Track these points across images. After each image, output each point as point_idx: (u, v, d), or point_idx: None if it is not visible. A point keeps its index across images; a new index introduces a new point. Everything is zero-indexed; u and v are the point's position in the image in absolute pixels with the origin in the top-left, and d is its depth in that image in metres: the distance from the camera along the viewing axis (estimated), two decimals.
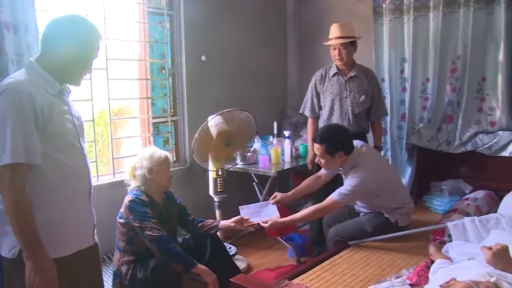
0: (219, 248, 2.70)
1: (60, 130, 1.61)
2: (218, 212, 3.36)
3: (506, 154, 3.40)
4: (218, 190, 3.29)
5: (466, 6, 3.49)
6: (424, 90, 3.82)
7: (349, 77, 3.30)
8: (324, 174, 3.00)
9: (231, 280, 2.14)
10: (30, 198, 1.52)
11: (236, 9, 4.19)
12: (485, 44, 3.52)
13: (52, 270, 1.54)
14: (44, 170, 1.56)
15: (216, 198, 3.35)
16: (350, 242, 2.75)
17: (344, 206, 2.90)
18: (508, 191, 3.02)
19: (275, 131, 3.99)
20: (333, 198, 2.66)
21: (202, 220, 2.76)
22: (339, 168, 2.82)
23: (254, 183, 3.79)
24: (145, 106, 3.67)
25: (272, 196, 2.96)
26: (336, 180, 3.03)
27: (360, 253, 2.64)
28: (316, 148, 2.74)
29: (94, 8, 3.12)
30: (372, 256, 2.59)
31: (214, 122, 3.03)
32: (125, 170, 2.68)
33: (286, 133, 3.89)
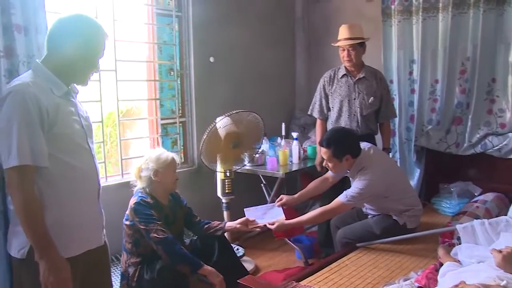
0: (227, 249, 2.70)
1: (67, 131, 1.61)
2: (226, 213, 3.36)
3: None
4: (226, 191, 3.29)
5: (476, 7, 3.47)
6: (433, 92, 3.80)
7: (357, 78, 3.29)
8: (331, 176, 2.99)
9: (239, 281, 2.14)
10: (39, 199, 1.53)
11: (244, 10, 4.19)
12: (495, 45, 3.49)
13: (65, 269, 1.55)
14: (51, 171, 1.57)
15: (224, 199, 3.35)
16: (358, 244, 2.74)
17: (351, 208, 2.89)
18: None
19: (283, 133, 3.98)
20: (340, 200, 2.66)
21: (208, 222, 2.76)
22: (347, 171, 2.81)
23: (262, 185, 3.79)
24: (153, 107, 3.69)
25: (278, 198, 2.96)
26: (344, 182, 3.02)
27: (368, 255, 2.63)
28: (323, 152, 2.74)
29: (103, 10, 3.14)
30: (380, 258, 2.58)
31: (223, 123, 3.03)
32: (130, 172, 2.68)
33: (294, 134, 3.90)
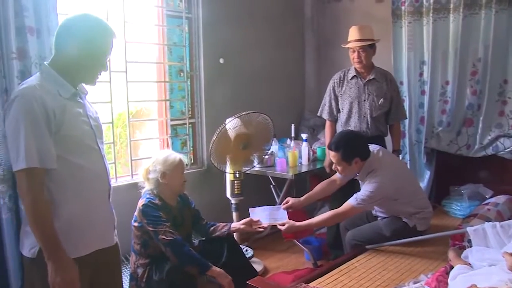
0: (236, 250, 2.70)
1: (74, 132, 1.62)
2: (235, 214, 3.37)
3: None
4: (235, 192, 3.30)
5: (488, 8, 3.44)
6: (443, 93, 3.78)
7: (367, 80, 3.28)
8: (338, 178, 2.97)
9: (248, 282, 2.14)
10: (48, 200, 1.55)
11: (254, 12, 4.20)
12: (507, 46, 3.46)
13: (72, 270, 1.56)
14: (60, 172, 1.58)
15: (233, 201, 3.35)
16: (368, 246, 2.73)
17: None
18: None
19: (293, 134, 3.98)
20: (350, 203, 2.65)
21: (214, 223, 2.76)
22: (356, 174, 2.80)
23: (271, 186, 3.79)
24: (163, 108, 3.71)
25: (284, 201, 2.95)
26: (353, 184, 3.01)
27: (377, 257, 2.61)
28: (332, 155, 2.73)
29: (114, 11, 3.16)
30: (389, 260, 2.57)
31: (232, 124, 3.04)
32: (139, 172, 2.69)
33: (304, 136, 3.89)
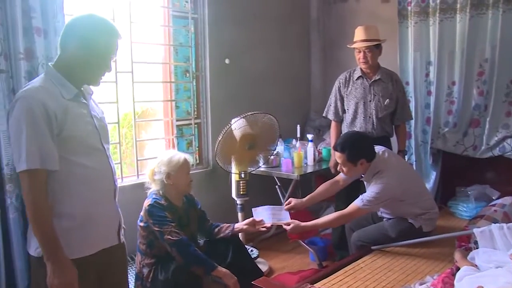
0: (241, 251, 2.70)
1: (77, 133, 1.62)
2: (240, 214, 3.37)
3: None
4: (241, 192, 3.30)
5: (495, 8, 3.42)
6: (450, 94, 3.76)
7: (373, 80, 3.27)
8: (342, 179, 2.96)
9: (253, 283, 2.14)
10: (49, 202, 1.56)
11: (260, 12, 4.20)
12: None
13: (70, 272, 1.56)
14: (64, 173, 1.58)
15: (238, 201, 3.35)
16: (373, 247, 2.73)
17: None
18: None
19: (298, 134, 3.98)
20: (356, 204, 2.64)
21: (218, 224, 2.77)
22: (361, 175, 2.80)
23: (277, 186, 3.79)
24: (169, 109, 3.72)
25: (286, 202, 2.95)
26: (358, 184, 3.00)
27: (383, 258, 2.61)
28: (337, 156, 2.72)
29: (120, 12, 3.18)
30: (395, 261, 2.56)
31: (238, 125, 3.04)
32: (145, 173, 2.70)
33: (309, 136, 3.89)
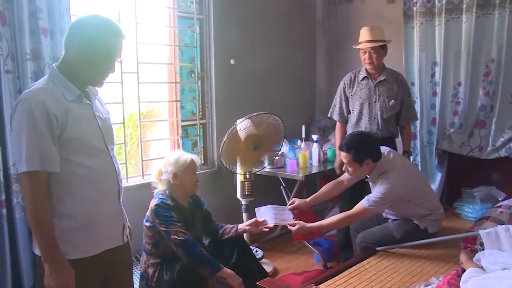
0: (246, 251, 2.70)
1: (79, 134, 1.61)
2: (245, 215, 3.37)
3: None
4: (246, 193, 3.30)
5: (502, 8, 3.41)
6: (455, 94, 3.75)
7: (378, 81, 3.26)
8: (346, 179, 2.95)
9: (258, 283, 2.14)
10: (52, 203, 1.57)
11: (265, 13, 4.20)
12: None
13: (67, 274, 1.56)
14: (66, 174, 1.58)
15: (243, 201, 3.35)
16: (378, 248, 2.72)
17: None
18: None
19: (303, 135, 3.98)
20: (362, 205, 2.63)
21: (223, 225, 2.77)
22: (366, 175, 2.79)
23: (282, 187, 3.79)
24: (174, 109, 3.73)
25: (290, 201, 2.94)
26: (362, 185, 2.99)
27: (388, 259, 2.60)
28: (343, 156, 2.71)
29: (126, 13, 3.19)
30: (400, 263, 2.55)
31: (243, 125, 3.04)
32: (152, 173, 2.71)
33: (314, 137, 3.88)
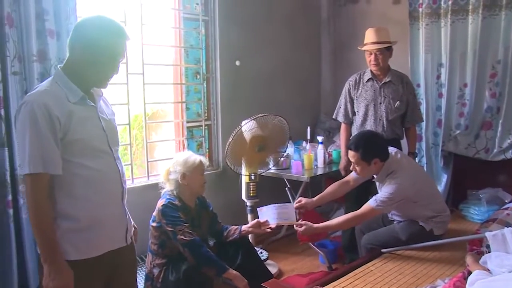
0: (251, 252, 2.71)
1: (82, 136, 1.62)
2: (250, 216, 3.37)
3: None
4: (251, 194, 3.30)
5: (508, 9, 3.40)
6: (461, 96, 3.73)
7: (383, 82, 3.25)
8: (352, 179, 2.95)
9: (263, 285, 2.14)
10: (55, 204, 1.58)
11: (270, 14, 4.21)
12: None
13: (66, 276, 1.56)
14: (69, 175, 1.59)
15: (248, 203, 3.35)
16: (383, 250, 2.71)
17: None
18: None
19: (308, 136, 3.97)
20: (370, 205, 2.62)
21: (228, 227, 2.78)
22: (373, 175, 2.78)
23: (287, 188, 3.78)
24: (179, 110, 3.73)
25: (297, 200, 2.94)
26: (367, 186, 2.99)
27: (393, 261, 2.59)
28: (351, 155, 2.70)
29: (131, 14, 3.20)
30: (405, 265, 2.54)
31: (248, 126, 3.05)
32: (160, 173, 2.71)
33: (319, 138, 3.87)
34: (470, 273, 2.12)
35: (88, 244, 1.65)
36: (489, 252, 2.29)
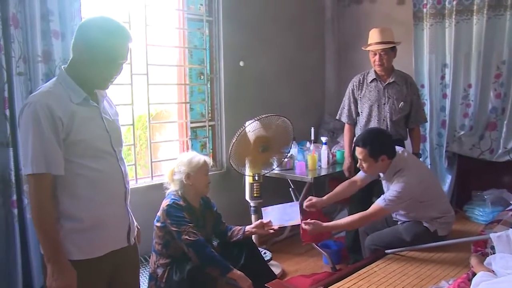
0: (255, 253, 2.71)
1: (85, 137, 1.62)
2: (253, 217, 3.37)
3: None
4: (254, 195, 3.30)
5: None
6: (466, 97, 3.72)
7: (387, 83, 3.25)
8: (359, 179, 2.95)
9: (266, 285, 2.14)
10: (58, 205, 1.58)
11: (274, 15, 4.21)
12: None
13: (69, 276, 1.57)
14: (72, 176, 1.60)
15: (252, 203, 3.36)
16: (387, 251, 2.70)
17: None
18: None
19: (312, 137, 3.97)
20: (379, 205, 2.61)
21: (232, 227, 2.79)
22: (378, 174, 2.77)
23: (290, 189, 3.79)
24: (183, 111, 3.74)
25: (307, 199, 2.93)
26: (371, 187, 2.98)
27: (397, 262, 2.59)
28: (358, 151, 2.69)
29: (136, 15, 3.21)
30: (409, 266, 2.54)
31: (252, 127, 3.05)
32: (164, 173, 2.72)
33: (323, 139, 3.87)
34: (474, 274, 2.11)
35: (90, 244, 1.66)
36: (493, 253, 2.29)
